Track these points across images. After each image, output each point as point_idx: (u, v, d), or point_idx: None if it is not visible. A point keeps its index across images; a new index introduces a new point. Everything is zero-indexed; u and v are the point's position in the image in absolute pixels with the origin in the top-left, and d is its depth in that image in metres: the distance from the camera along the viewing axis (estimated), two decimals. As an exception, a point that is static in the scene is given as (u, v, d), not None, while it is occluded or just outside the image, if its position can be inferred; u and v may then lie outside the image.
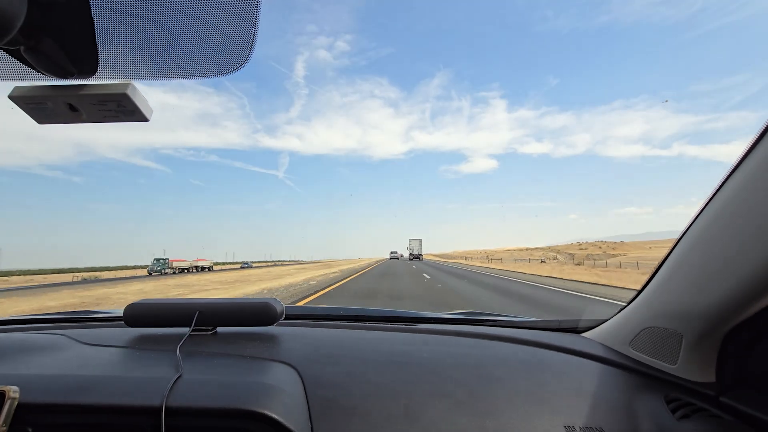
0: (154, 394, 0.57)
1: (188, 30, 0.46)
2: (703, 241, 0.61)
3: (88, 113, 0.52)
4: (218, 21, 0.46)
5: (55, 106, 0.51)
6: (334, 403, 0.62)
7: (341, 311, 1.18)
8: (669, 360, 0.69)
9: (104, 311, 1.21)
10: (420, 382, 0.68)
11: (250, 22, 0.46)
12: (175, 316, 0.87)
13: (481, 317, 1.15)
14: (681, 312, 0.65)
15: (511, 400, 0.65)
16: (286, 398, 0.60)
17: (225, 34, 0.46)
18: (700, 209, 0.62)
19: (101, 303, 10.54)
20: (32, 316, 1.16)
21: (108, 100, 0.50)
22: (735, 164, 0.55)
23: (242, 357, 0.74)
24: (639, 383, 0.71)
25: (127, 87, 0.49)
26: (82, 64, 0.48)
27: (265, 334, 0.89)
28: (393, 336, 0.94)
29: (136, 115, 0.52)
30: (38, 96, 0.50)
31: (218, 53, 0.48)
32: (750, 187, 0.52)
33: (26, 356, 0.73)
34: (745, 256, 0.52)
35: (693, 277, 0.63)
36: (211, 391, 0.58)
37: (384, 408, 0.61)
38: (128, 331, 0.90)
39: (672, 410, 0.62)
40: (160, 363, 0.70)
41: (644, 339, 0.76)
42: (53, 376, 0.63)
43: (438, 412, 0.61)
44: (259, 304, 0.87)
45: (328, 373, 0.70)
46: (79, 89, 0.50)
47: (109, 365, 0.70)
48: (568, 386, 0.70)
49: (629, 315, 0.83)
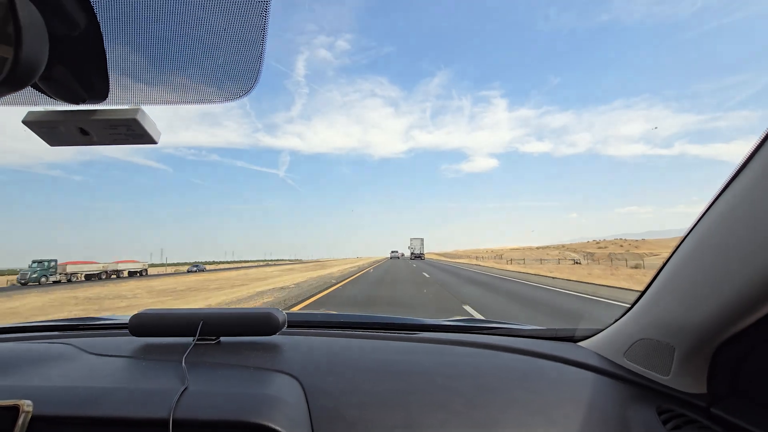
0: (161, 406, 0.58)
1: (196, 59, 0.48)
2: (697, 254, 0.62)
3: (99, 136, 0.54)
4: (226, 51, 0.47)
5: (66, 130, 0.53)
6: (335, 413, 0.64)
7: (341, 318, 1.20)
8: (662, 371, 0.70)
9: (108, 318, 1.23)
10: (418, 392, 0.70)
11: (257, 52, 0.47)
12: (180, 325, 0.88)
13: (480, 325, 1.17)
14: (674, 324, 0.67)
15: (508, 410, 0.66)
16: (289, 410, 0.61)
17: (232, 64, 0.48)
18: (694, 223, 0.64)
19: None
20: (37, 324, 1.17)
21: (118, 125, 0.52)
22: (729, 178, 0.56)
23: (246, 368, 0.76)
24: (632, 394, 0.73)
25: (136, 112, 0.51)
26: (94, 90, 0.50)
27: (268, 344, 0.91)
28: (392, 345, 0.95)
29: (145, 138, 0.54)
30: (51, 121, 0.51)
31: (225, 82, 0.50)
32: (742, 204, 0.53)
33: (36, 367, 0.75)
34: (737, 271, 0.53)
35: (686, 290, 0.64)
36: (216, 403, 0.60)
37: (384, 418, 0.63)
38: (133, 341, 0.92)
39: (664, 421, 0.63)
40: (166, 374, 0.71)
41: (638, 350, 0.77)
42: (63, 388, 0.64)
43: (436, 423, 0.62)
44: (261, 314, 0.89)
45: (329, 384, 0.72)
46: (91, 114, 0.51)
47: (116, 376, 0.72)
48: (563, 396, 0.71)
49: (624, 325, 0.85)
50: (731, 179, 0.56)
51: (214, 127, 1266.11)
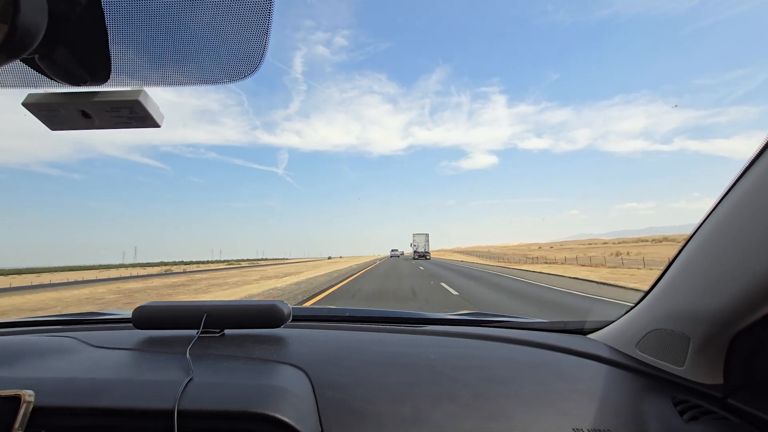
0: (166, 397, 0.57)
1: (200, 37, 0.47)
2: (712, 243, 0.61)
3: (101, 119, 0.53)
4: (230, 28, 0.46)
5: (67, 112, 0.51)
6: (343, 405, 0.62)
7: (347, 312, 1.18)
8: (676, 362, 0.69)
9: (112, 313, 1.22)
10: (426, 384, 0.69)
11: (262, 29, 0.46)
12: (184, 318, 0.87)
13: (487, 318, 1.15)
14: (688, 314, 0.66)
15: (518, 403, 0.65)
16: (296, 401, 0.60)
17: (237, 42, 0.47)
18: (709, 211, 0.62)
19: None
20: (40, 318, 1.17)
21: (120, 107, 0.50)
22: (745, 166, 0.55)
23: (251, 359, 0.75)
24: (646, 385, 0.72)
25: (139, 94, 0.49)
26: (95, 71, 0.48)
27: (273, 336, 0.89)
28: (399, 338, 0.94)
29: (148, 122, 0.53)
30: (51, 103, 0.50)
31: (230, 60, 0.48)
32: (759, 191, 0.52)
33: (38, 359, 0.74)
34: (753, 259, 0.52)
35: (701, 279, 0.63)
36: (222, 394, 0.59)
37: (392, 410, 0.62)
38: (137, 334, 0.91)
39: (680, 412, 0.62)
40: (170, 366, 0.70)
41: (651, 341, 0.76)
42: (66, 380, 0.63)
43: (445, 415, 0.61)
44: (266, 307, 0.88)
45: (336, 375, 0.71)
46: (92, 96, 0.50)
47: (119, 368, 0.71)
48: (575, 388, 0.70)
49: (636, 316, 0.83)
50: (747, 167, 0.55)
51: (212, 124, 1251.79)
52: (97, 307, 10.46)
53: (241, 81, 0.50)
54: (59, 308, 11.33)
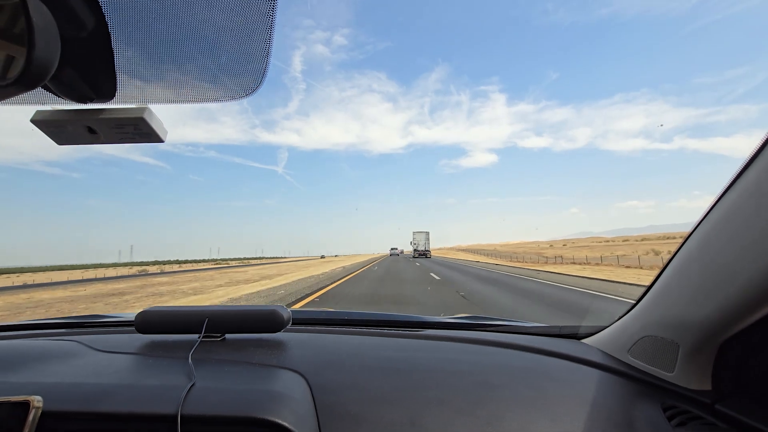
0: (169, 401, 0.59)
1: (203, 59, 0.48)
2: (701, 251, 0.62)
3: (106, 135, 0.54)
4: (233, 49, 0.47)
5: (74, 129, 0.53)
6: (340, 409, 0.64)
7: (346, 316, 1.20)
8: (666, 368, 0.70)
9: (114, 315, 1.24)
10: (422, 390, 0.70)
11: (264, 50, 0.47)
12: (186, 323, 0.89)
13: (484, 322, 1.17)
14: (678, 321, 0.67)
15: (512, 408, 0.66)
16: (295, 406, 0.62)
17: (239, 62, 0.48)
18: (699, 220, 0.63)
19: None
20: (43, 321, 1.18)
21: (125, 124, 0.52)
22: (735, 175, 0.56)
23: (252, 364, 0.77)
24: (637, 390, 0.73)
25: (144, 111, 0.51)
26: (102, 89, 0.50)
27: (273, 341, 0.91)
28: (396, 342, 0.96)
29: (152, 137, 0.54)
30: (59, 120, 0.52)
31: (232, 80, 0.50)
32: (748, 201, 0.53)
33: (44, 364, 0.75)
34: (740, 268, 0.53)
35: (690, 287, 0.64)
36: (224, 399, 0.61)
37: (388, 415, 0.63)
38: (139, 338, 0.92)
39: (668, 417, 0.63)
40: (173, 370, 0.72)
41: (642, 347, 0.77)
42: (72, 384, 0.65)
43: (440, 420, 0.63)
44: (266, 311, 0.90)
45: (334, 380, 0.72)
46: (98, 113, 0.51)
47: (123, 372, 0.73)
48: (568, 393, 0.72)
49: (628, 322, 0.85)
50: (737, 176, 0.55)
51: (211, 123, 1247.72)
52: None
53: (242, 99, 0.52)
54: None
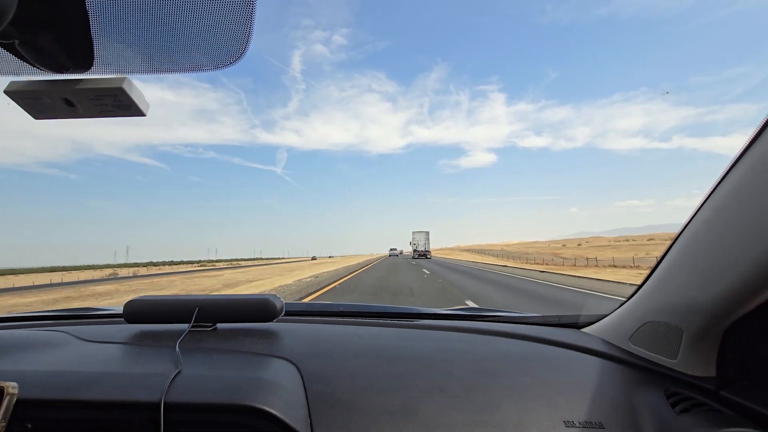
0: (153, 389, 0.57)
1: (184, 23, 0.46)
2: (703, 235, 0.61)
3: (84, 108, 0.52)
4: (214, 14, 0.45)
5: (51, 100, 0.51)
6: (332, 398, 0.62)
7: (340, 307, 1.18)
8: (669, 354, 0.69)
9: (104, 308, 1.21)
10: (417, 377, 0.68)
11: (247, 14, 0.45)
12: (175, 312, 0.87)
13: (480, 313, 1.15)
14: (681, 307, 0.65)
15: (509, 395, 0.65)
16: (285, 393, 0.60)
17: (221, 27, 0.46)
18: (700, 203, 0.62)
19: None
20: (32, 314, 1.16)
21: (104, 95, 0.50)
22: (735, 158, 0.55)
23: (241, 353, 0.75)
24: (639, 378, 0.71)
25: (123, 81, 0.49)
26: (78, 58, 0.48)
27: (265, 331, 0.89)
28: (391, 331, 0.94)
29: (133, 110, 0.52)
30: (34, 91, 0.49)
31: (214, 46, 0.48)
32: (750, 182, 0.52)
33: (25, 353, 0.73)
34: (744, 251, 0.52)
35: (693, 271, 0.63)
36: (210, 387, 0.59)
37: (382, 403, 0.61)
38: (128, 328, 0.90)
39: (672, 404, 0.61)
40: (159, 359, 0.70)
41: (644, 334, 0.76)
42: (52, 372, 0.63)
43: (435, 407, 0.61)
44: (258, 301, 0.87)
45: (327, 369, 0.70)
46: (75, 84, 0.49)
47: (108, 361, 0.71)
48: (567, 381, 0.70)
49: (629, 310, 0.83)
50: (739, 157, 0.54)
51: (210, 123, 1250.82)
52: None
53: (226, 68, 0.49)
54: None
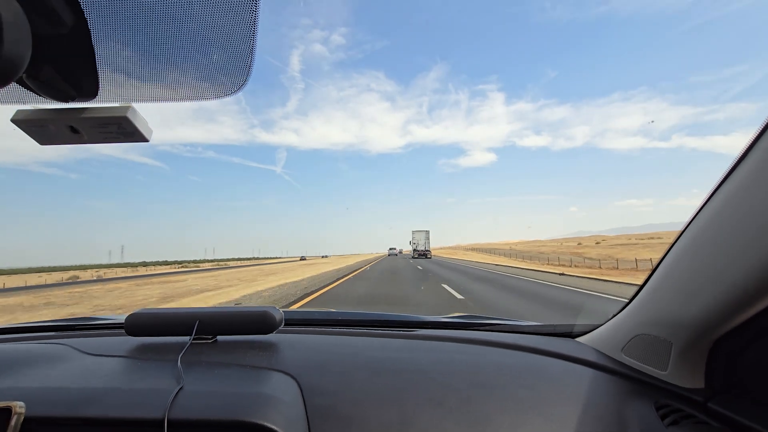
0: (156, 406, 0.58)
1: (187, 55, 0.47)
2: (693, 250, 0.62)
3: (89, 135, 0.53)
4: (217, 46, 0.47)
5: (56, 128, 0.52)
6: (331, 411, 0.63)
7: (340, 316, 1.19)
8: (659, 366, 0.70)
9: (104, 318, 1.22)
10: (414, 389, 0.70)
11: (248, 45, 0.47)
12: (176, 325, 0.88)
13: (478, 321, 1.16)
14: (670, 320, 0.67)
15: (504, 407, 0.66)
16: (285, 408, 0.61)
17: (224, 59, 0.47)
18: (691, 217, 0.63)
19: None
20: (32, 324, 1.17)
21: (109, 123, 0.51)
22: (725, 174, 0.56)
23: (242, 366, 0.76)
24: (630, 389, 0.73)
25: (127, 110, 0.50)
26: (83, 88, 0.49)
27: (265, 343, 0.90)
28: (389, 342, 0.95)
29: (136, 136, 0.53)
30: (40, 119, 0.50)
31: (217, 77, 0.49)
32: (739, 198, 0.53)
33: (29, 368, 0.74)
34: (733, 265, 0.53)
35: (682, 285, 0.64)
36: (212, 403, 0.60)
37: (379, 415, 0.63)
38: (129, 340, 0.91)
39: (661, 416, 0.63)
40: (161, 374, 0.71)
41: (636, 345, 0.77)
42: (57, 389, 0.64)
43: (431, 420, 0.62)
44: (258, 313, 0.89)
45: (325, 381, 0.72)
46: (80, 112, 0.50)
47: (111, 376, 0.72)
48: (560, 392, 0.71)
49: (622, 321, 0.85)
50: (727, 174, 0.55)
51: (209, 123, 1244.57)
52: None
53: (227, 97, 0.51)
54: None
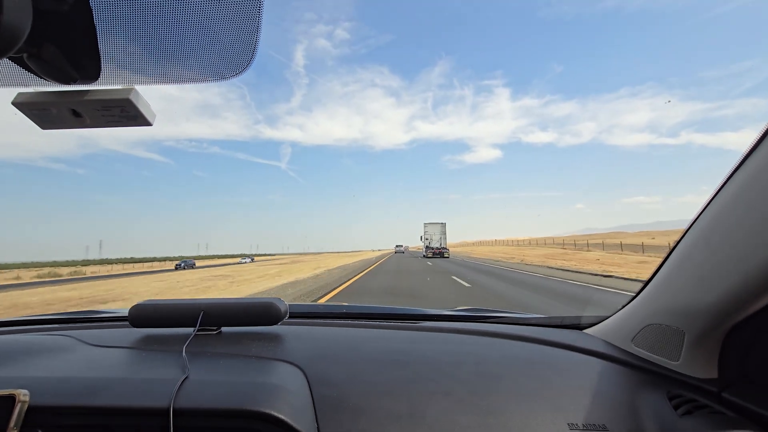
0: (161, 395, 0.58)
1: (190, 35, 0.46)
2: (706, 237, 0.61)
3: (92, 118, 0.52)
4: (221, 26, 0.45)
5: (58, 111, 0.51)
6: (339, 402, 0.63)
7: (345, 309, 1.19)
8: (671, 356, 0.69)
9: (109, 311, 1.22)
10: (422, 381, 0.69)
11: (253, 26, 0.45)
12: (180, 316, 0.87)
13: (484, 314, 1.16)
14: (683, 309, 0.66)
15: (514, 398, 0.65)
16: (292, 398, 0.60)
17: (227, 39, 0.46)
18: (703, 206, 0.62)
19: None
20: (37, 317, 1.17)
21: (111, 106, 0.50)
22: (739, 161, 0.55)
23: (247, 357, 0.75)
24: (641, 380, 0.72)
25: (130, 92, 0.49)
26: (85, 70, 0.48)
27: (270, 334, 0.90)
28: (396, 334, 0.95)
29: (139, 120, 0.52)
30: (41, 102, 0.50)
31: (221, 58, 0.48)
32: (753, 185, 0.52)
33: (34, 358, 0.74)
34: (747, 253, 0.52)
35: (695, 273, 0.63)
36: (217, 392, 0.59)
37: (387, 406, 0.62)
38: (133, 332, 0.91)
39: (674, 406, 0.62)
40: (166, 364, 0.71)
41: (646, 335, 0.76)
42: (61, 379, 0.64)
43: (440, 411, 0.61)
44: (263, 304, 0.88)
45: (333, 372, 0.71)
46: (83, 95, 0.49)
47: (116, 366, 0.71)
48: (570, 383, 0.70)
49: (632, 311, 0.83)
50: (741, 161, 0.54)
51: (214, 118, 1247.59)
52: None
53: (233, 78, 0.50)
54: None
